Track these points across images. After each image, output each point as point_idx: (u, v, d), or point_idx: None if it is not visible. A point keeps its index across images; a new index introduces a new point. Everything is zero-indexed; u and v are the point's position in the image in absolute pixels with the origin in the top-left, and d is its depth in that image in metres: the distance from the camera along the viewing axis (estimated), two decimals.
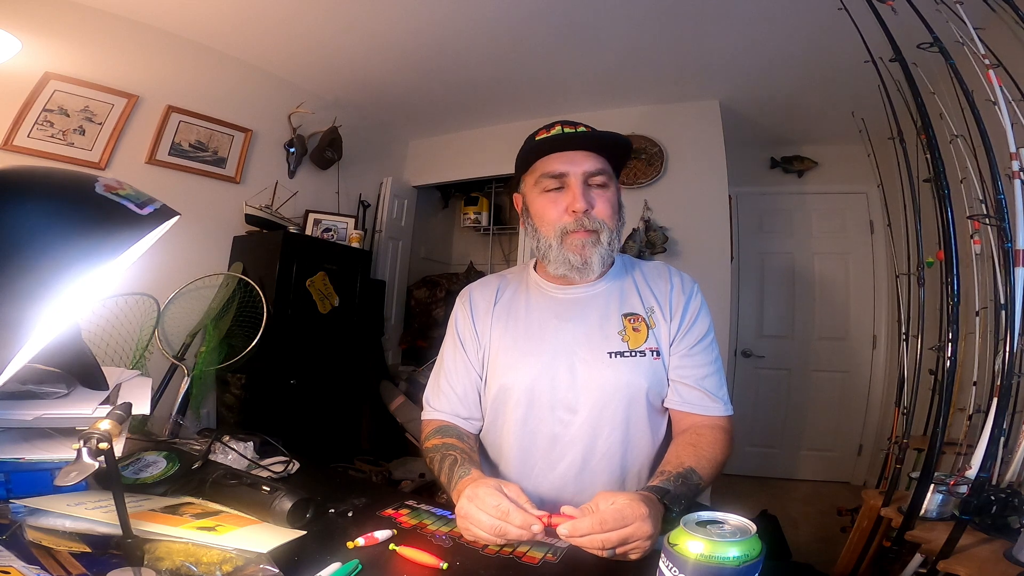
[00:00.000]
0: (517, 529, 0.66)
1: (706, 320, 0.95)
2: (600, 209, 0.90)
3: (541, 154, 0.92)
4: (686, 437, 0.87)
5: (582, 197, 0.88)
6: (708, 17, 2.17)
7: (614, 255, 0.95)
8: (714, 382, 0.92)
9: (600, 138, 0.90)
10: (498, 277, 1.08)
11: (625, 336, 0.92)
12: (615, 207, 0.93)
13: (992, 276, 1.43)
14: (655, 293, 0.97)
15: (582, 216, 0.89)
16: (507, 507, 0.67)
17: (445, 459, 0.86)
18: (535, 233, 0.96)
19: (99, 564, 0.56)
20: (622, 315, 0.94)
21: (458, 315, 1.04)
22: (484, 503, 0.68)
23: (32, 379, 0.75)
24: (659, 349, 0.92)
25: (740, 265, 3.42)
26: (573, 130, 0.90)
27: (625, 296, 0.96)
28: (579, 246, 0.90)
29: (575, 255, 0.90)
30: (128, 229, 0.50)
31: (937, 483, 1.22)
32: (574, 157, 0.90)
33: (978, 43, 1.27)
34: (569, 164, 0.89)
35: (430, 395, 1.03)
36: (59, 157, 2.18)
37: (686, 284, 0.98)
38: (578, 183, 0.89)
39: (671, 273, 0.99)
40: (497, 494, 0.68)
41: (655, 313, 0.94)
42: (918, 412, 1.89)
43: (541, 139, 0.92)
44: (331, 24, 2.41)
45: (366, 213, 3.43)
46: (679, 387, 0.91)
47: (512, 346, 0.96)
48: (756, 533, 0.47)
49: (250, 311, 1.83)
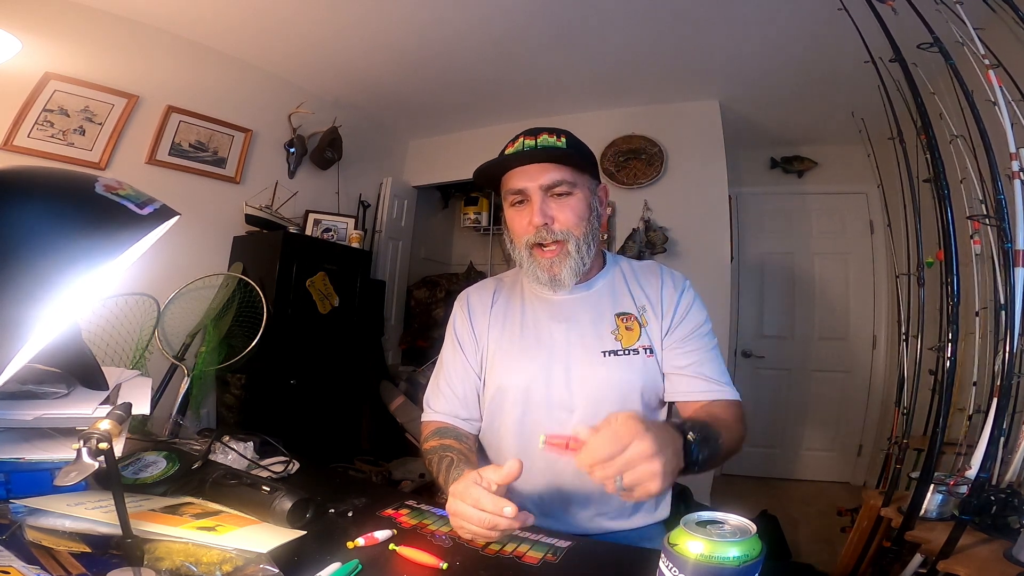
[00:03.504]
0: (490, 516, 0.62)
1: (701, 313, 0.96)
2: (563, 219, 0.90)
3: (507, 169, 0.93)
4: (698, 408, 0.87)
5: (539, 211, 0.89)
6: (708, 17, 2.17)
7: (587, 262, 0.94)
8: (713, 368, 0.91)
9: (552, 152, 0.90)
10: (494, 281, 1.10)
11: (618, 335, 0.93)
12: (582, 214, 0.92)
13: (992, 276, 1.43)
14: (646, 292, 0.98)
15: (542, 229, 0.90)
16: (478, 494, 0.64)
17: (443, 460, 0.87)
18: (511, 245, 0.98)
19: (99, 564, 0.56)
20: (615, 315, 0.95)
21: (456, 318, 1.06)
22: (466, 496, 0.66)
23: (32, 379, 0.75)
24: (652, 347, 0.93)
25: (740, 265, 3.42)
26: (533, 141, 0.91)
27: (617, 296, 0.98)
28: (547, 264, 0.91)
29: (543, 272, 0.92)
30: (128, 229, 0.50)
31: (937, 483, 1.22)
32: (531, 171, 0.90)
33: (978, 43, 1.27)
34: (527, 179, 0.90)
35: (430, 397, 1.04)
36: (59, 157, 2.18)
37: (677, 281, 0.99)
38: (537, 197, 0.90)
39: (662, 271, 1.01)
40: (473, 485, 0.65)
41: (647, 312, 0.96)
42: (918, 412, 1.89)
43: (504, 156, 0.93)
44: (331, 24, 2.41)
45: (366, 213, 3.43)
46: (677, 379, 0.92)
47: (509, 348, 0.98)
48: (756, 533, 0.47)
49: (250, 311, 1.83)
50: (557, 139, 0.91)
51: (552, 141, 0.91)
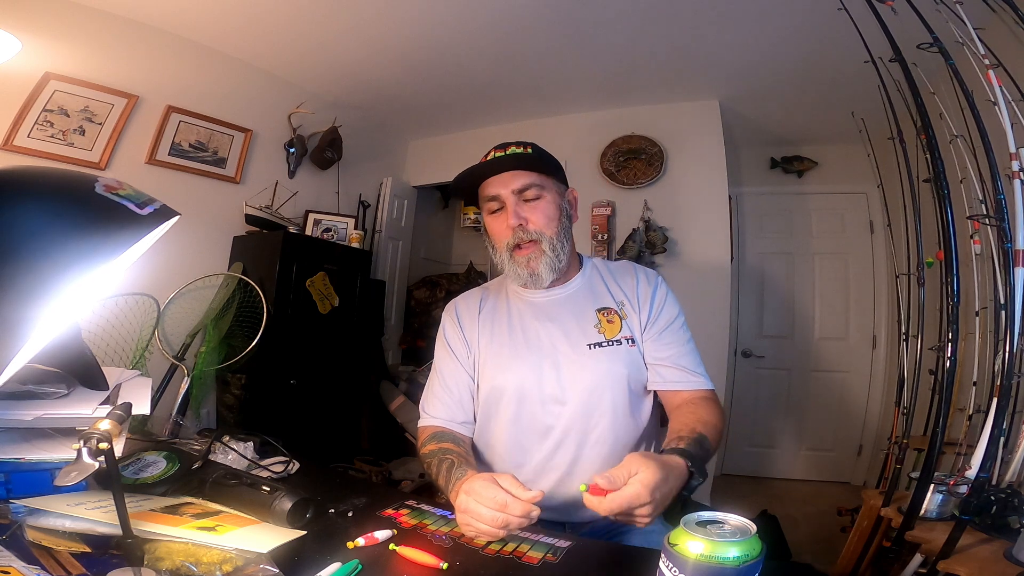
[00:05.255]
0: (518, 519, 0.67)
1: (674, 306, 1.03)
2: (535, 220, 0.98)
3: (481, 179, 1.01)
4: (687, 408, 0.92)
5: (514, 213, 0.97)
6: (708, 17, 2.17)
7: (562, 259, 1.01)
8: (691, 360, 0.98)
9: (519, 158, 0.98)
10: (480, 289, 1.16)
11: (601, 328, 1.00)
12: (551, 215, 0.99)
13: (992, 276, 1.43)
14: (623, 288, 1.05)
15: (518, 230, 0.97)
16: (504, 498, 0.68)
17: (442, 463, 0.89)
18: (493, 250, 1.05)
19: (99, 564, 0.56)
20: (596, 310, 1.02)
21: (446, 326, 1.11)
22: (482, 496, 0.69)
23: (32, 379, 0.75)
24: (633, 337, 0.99)
25: (740, 265, 3.42)
26: (503, 152, 0.99)
27: (596, 293, 1.05)
28: (525, 261, 0.99)
29: (523, 269, 1.00)
30: (128, 229, 0.50)
31: (937, 483, 1.21)
32: (503, 179, 0.98)
33: (978, 43, 1.27)
34: (501, 186, 0.98)
35: (426, 403, 1.07)
36: (59, 157, 2.18)
37: (650, 277, 1.06)
38: (511, 201, 0.98)
39: (636, 269, 1.08)
40: (493, 486, 0.70)
41: (625, 306, 1.02)
42: (918, 412, 1.89)
43: (475, 167, 1.01)
44: (331, 24, 2.41)
45: (366, 213, 3.43)
46: (659, 369, 0.98)
47: (499, 350, 1.03)
48: (756, 533, 0.47)
49: (250, 311, 1.84)
50: (524, 149, 1.00)
51: (519, 151, 0.99)
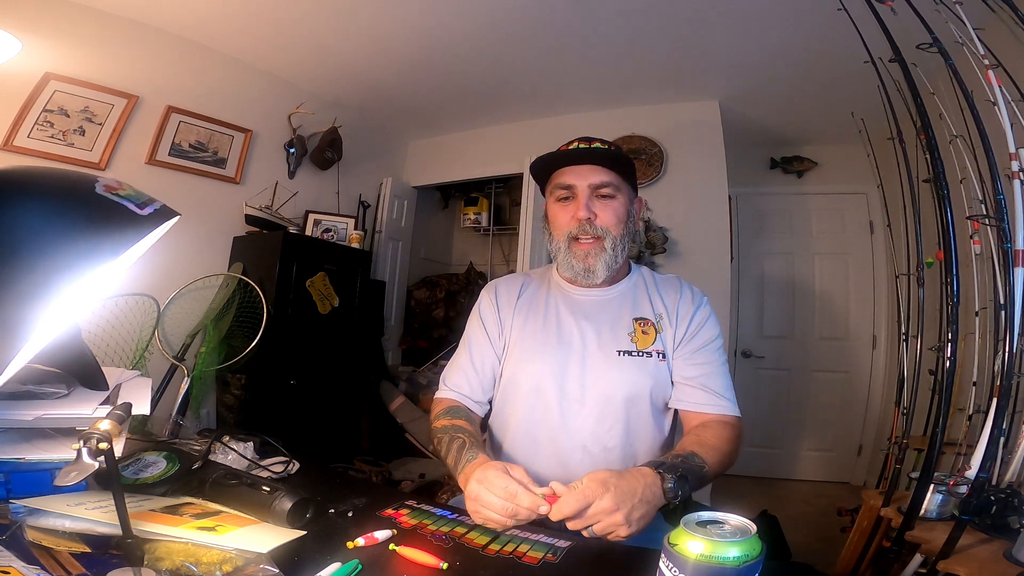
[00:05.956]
0: (526, 511, 0.69)
1: (714, 328, 1.01)
2: (604, 218, 0.97)
3: (557, 166, 1.01)
4: (694, 432, 0.91)
5: (585, 206, 0.97)
6: (708, 17, 2.17)
7: (619, 260, 1.00)
8: (720, 383, 0.96)
9: (604, 155, 0.98)
10: (522, 275, 1.15)
11: (634, 337, 0.98)
12: (621, 216, 0.99)
13: (992, 276, 1.43)
14: (665, 301, 1.03)
15: (585, 223, 0.97)
16: (515, 488, 0.69)
17: (454, 441, 0.89)
18: (550, 236, 1.04)
19: (99, 564, 0.56)
20: (633, 318, 1.01)
21: (483, 303, 1.11)
22: (493, 485, 0.71)
23: (32, 379, 0.75)
24: (665, 352, 0.98)
25: (740, 265, 3.42)
26: (587, 145, 0.99)
27: (638, 301, 1.03)
28: (583, 255, 0.98)
29: (578, 262, 0.98)
30: (128, 229, 0.50)
31: (937, 483, 1.21)
32: (582, 171, 0.98)
33: (978, 43, 1.27)
34: (577, 177, 0.98)
35: (448, 374, 1.07)
36: (59, 157, 2.18)
37: (695, 295, 1.05)
38: (584, 194, 0.97)
39: (682, 285, 1.07)
40: (505, 476, 0.71)
41: (663, 319, 1.01)
42: (918, 412, 1.89)
43: (558, 153, 1.01)
44: (331, 25, 2.41)
45: (366, 213, 3.43)
46: (684, 388, 0.96)
47: (530, 338, 1.02)
48: (756, 533, 0.47)
49: (250, 311, 1.84)
50: (609, 147, 1.00)
51: (604, 148, 1.00)
